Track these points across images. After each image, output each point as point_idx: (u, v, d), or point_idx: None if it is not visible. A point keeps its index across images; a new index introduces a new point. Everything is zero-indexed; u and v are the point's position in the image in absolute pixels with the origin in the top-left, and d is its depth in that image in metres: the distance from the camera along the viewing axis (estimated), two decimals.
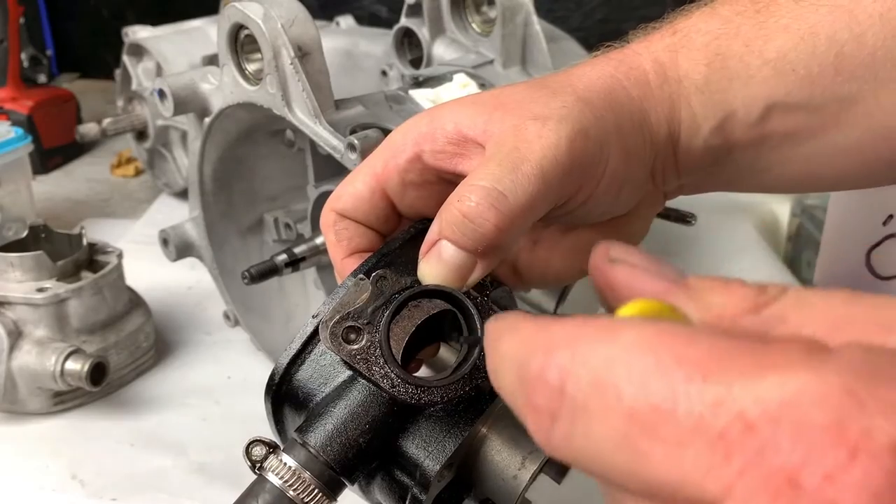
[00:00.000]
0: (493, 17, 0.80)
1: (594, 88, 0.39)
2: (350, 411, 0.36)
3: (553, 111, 0.37)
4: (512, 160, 0.35)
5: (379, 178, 0.39)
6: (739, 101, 0.40)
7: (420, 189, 0.39)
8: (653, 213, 0.45)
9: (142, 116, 1.12)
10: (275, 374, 0.38)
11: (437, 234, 0.36)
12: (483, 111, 0.38)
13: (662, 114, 0.40)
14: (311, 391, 0.37)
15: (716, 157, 0.41)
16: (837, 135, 0.39)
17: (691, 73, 0.40)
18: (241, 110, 0.64)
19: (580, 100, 0.38)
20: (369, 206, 0.40)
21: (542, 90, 0.39)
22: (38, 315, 0.68)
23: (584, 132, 0.37)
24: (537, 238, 0.44)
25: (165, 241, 0.74)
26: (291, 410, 0.39)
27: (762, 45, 0.39)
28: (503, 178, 0.35)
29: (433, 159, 0.38)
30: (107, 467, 0.65)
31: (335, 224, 0.40)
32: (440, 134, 0.38)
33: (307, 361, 0.38)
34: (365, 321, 0.35)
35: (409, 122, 0.40)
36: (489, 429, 0.37)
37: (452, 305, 0.35)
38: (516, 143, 0.36)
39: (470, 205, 0.35)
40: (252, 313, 0.77)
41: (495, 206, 0.34)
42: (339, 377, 0.37)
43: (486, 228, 0.35)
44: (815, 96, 0.39)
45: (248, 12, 0.58)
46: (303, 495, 0.34)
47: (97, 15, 1.75)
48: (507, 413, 0.36)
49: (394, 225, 0.41)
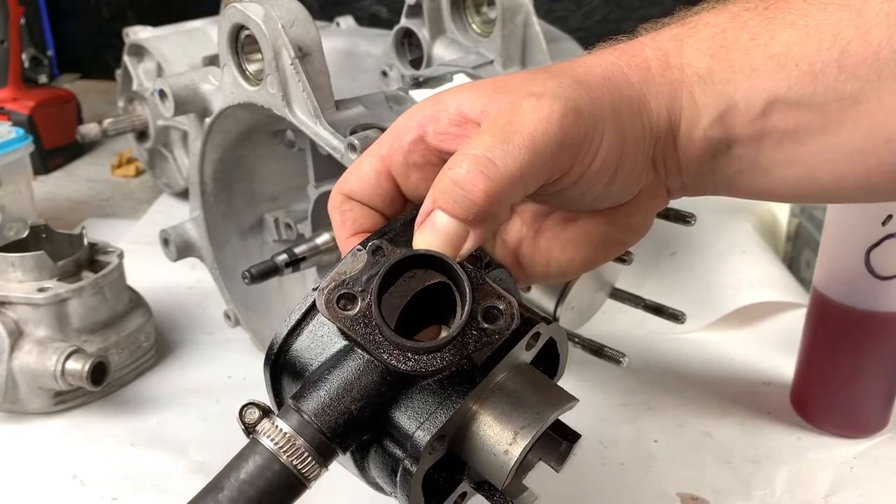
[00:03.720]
0: (493, 18, 0.80)
1: (593, 73, 0.40)
2: (344, 379, 0.36)
3: (548, 90, 0.38)
4: (504, 132, 0.36)
5: (384, 160, 0.41)
6: (741, 94, 0.40)
7: (424, 170, 0.40)
8: (655, 207, 0.45)
9: (142, 117, 1.12)
10: (273, 344, 0.38)
11: (430, 204, 0.37)
12: (484, 94, 0.39)
13: (663, 100, 0.41)
14: (308, 361, 0.38)
15: (716, 150, 0.41)
16: (839, 136, 0.39)
17: (695, 62, 0.41)
18: (241, 110, 0.64)
19: (577, 81, 0.39)
20: (374, 187, 0.41)
21: (541, 74, 0.40)
22: (38, 315, 0.68)
23: (576, 109, 0.37)
24: (539, 229, 0.45)
25: (166, 241, 0.74)
26: (289, 380, 0.39)
27: (768, 39, 0.39)
28: (493, 147, 0.36)
29: (435, 140, 0.39)
30: (107, 467, 0.65)
31: (341, 205, 0.41)
32: (443, 116, 0.39)
33: (305, 332, 0.38)
34: (360, 289, 0.36)
35: (415, 106, 0.41)
36: (481, 404, 0.37)
37: (445, 275, 0.36)
38: (510, 118, 0.37)
39: (460, 171, 0.36)
40: (252, 313, 0.77)
41: (484, 173, 0.35)
42: (336, 346, 0.37)
43: (475, 195, 0.35)
44: (817, 93, 0.39)
45: (248, 13, 0.58)
46: (294, 460, 0.35)
47: (98, 15, 1.75)
48: (500, 389, 0.37)
49: (399, 207, 0.42)
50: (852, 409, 0.67)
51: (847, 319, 0.63)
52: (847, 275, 0.62)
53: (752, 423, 0.69)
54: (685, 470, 0.64)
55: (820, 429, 0.67)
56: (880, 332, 0.63)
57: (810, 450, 0.66)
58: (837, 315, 0.64)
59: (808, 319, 0.67)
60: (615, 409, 0.70)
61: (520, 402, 0.37)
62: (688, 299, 0.78)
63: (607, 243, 0.44)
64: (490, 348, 0.36)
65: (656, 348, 0.79)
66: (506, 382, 0.38)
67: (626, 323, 0.81)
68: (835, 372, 0.66)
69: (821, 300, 0.65)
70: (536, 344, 0.39)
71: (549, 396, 0.38)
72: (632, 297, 0.67)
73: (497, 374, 0.37)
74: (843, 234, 0.62)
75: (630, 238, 0.45)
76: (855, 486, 0.62)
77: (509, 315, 0.35)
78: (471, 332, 0.35)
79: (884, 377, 0.65)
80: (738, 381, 0.75)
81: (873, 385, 0.65)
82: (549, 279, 0.46)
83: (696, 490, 0.62)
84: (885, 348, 0.63)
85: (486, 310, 0.35)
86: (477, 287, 0.35)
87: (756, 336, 0.81)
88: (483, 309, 0.35)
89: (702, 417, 0.70)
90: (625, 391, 0.73)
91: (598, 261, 0.45)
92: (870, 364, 0.64)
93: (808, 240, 0.88)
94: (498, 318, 0.35)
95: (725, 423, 0.69)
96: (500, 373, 0.37)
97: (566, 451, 0.39)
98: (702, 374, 0.76)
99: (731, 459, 0.65)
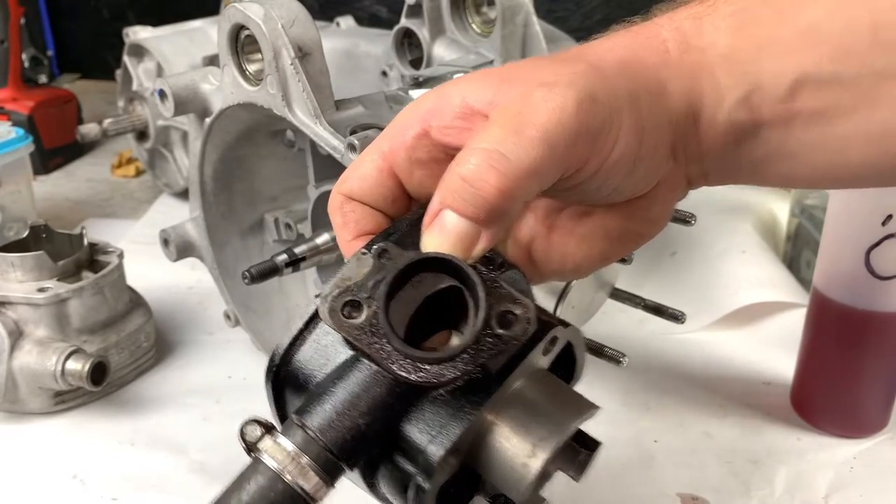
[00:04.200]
0: (493, 18, 0.80)
1: (607, 58, 0.38)
2: (350, 392, 0.34)
3: (561, 77, 0.35)
4: (515, 123, 0.34)
5: (386, 157, 0.38)
6: (767, 73, 0.37)
7: (428, 167, 0.38)
8: (674, 199, 0.42)
9: (142, 117, 1.12)
10: (275, 355, 0.37)
11: (438, 203, 0.34)
12: (491, 84, 0.37)
13: (682, 84, 0.38)
14: (311, 373, 0.36)
15: (741, 135, 0.39)
16: (872, 115, 0.37)
17: (717, 41, 0.38)
18: (241, 111, 0.64)
19: (590, 66, 0.36)
20: (376, 186, 0.38)
21: (551, 61, 0.37)
22: (38, 315, 0.68)
23: (592, 97, 0.35)
24: (552, 224, 0.42)
25: (166, 241, 0.74)
26: (292, 394, 0.37)
27: (794, 13, 0.37)
28: (505, 140, 0.33)
29: (440, 134, 0.37)
30: (107, 467, 0.65)
31: (342, 206, 0.39)
32: (447, 108, 0.37)
33: (308, 342, 0.36)
34: (365, 295, 0.33)
35: (417, 99, 0.39)
36: (497, 415, 0.35)
37: (456, 279, 0.33)
38: (520, 108, 0.34)
39: (469, 167, 0.33)
40: (252, 313, 0.77)
41: (496, 167, 0.33)
42: (340, 357, 0.35)
43: (486, 192, 0.33)
44: (847, 69, 0.36)
45: (248, 13, 0.58)
46: (299, 479, 0.33)
47: (98, 15, 1.75)
48: (517, 398, 0.35)
49: (403, 207, 0.39)
50: (852, 409, 0.67)
51: (847, 319, 0.63)
52: (847, 275, 0.62)
53: (752, 423, 0.69)
54: (685, 470, 0.64)
55: (820, 429, 0.67)
56: (880, 333, 0.63)
57: (810, 450, 0.66)
58: (837, 315, 0.64)
59: (808, 319, 0.67)
60: (615, 409, 0.70)
61: (538, 411, 0.35)
62: (688, 299, 0.78)
63: (625, 237, 0.42)
64: (506, 356, 0.34)
65: (656, 348, 0.79)
66: (522, 390, 0.36)
67: (626, 323, 0.81)
68: (835, 372, 0.66)
69: (821, 300, 0.65)
70: (553, 349, 0.37)
71: (568, 404, 0.36)
72: (632, 297, 0.67)
73: (513, 382, 0.35)
74: (843, 234, 0.62)
75: (649, 230, 0.42)
76: (855, 486, 0.62)
77: (525, 320, 0.33)
78: (485, 340, 0.33)
79: (884, 377, 0.65)
80: (738, 381, 0.75)
81: (873, 385, 0.65)
82: (563, 276, 0.43)
83: (696, 490, 0.62)
84: (885, 348, 0.63)
85: (501, 315, 0.33)
86: (491, 291, 0.33)
87: (756, 336, 0.81)
88: (498, 314, 0.33)
89: (702, 417, 0.70)
90: (625, 391, 0.73)
91: (616, 255, 0.43)
92: (870, 364, 0.64)
93: (808, 240, 0.88)
94: (514, 324, 0.33)
95: (725, 423, 0.69)
96: (517, 380, 0.36)
97: (586, 460, 0.37)
98: (702, 374, 0.76)
99: (731, 459, 0.65)
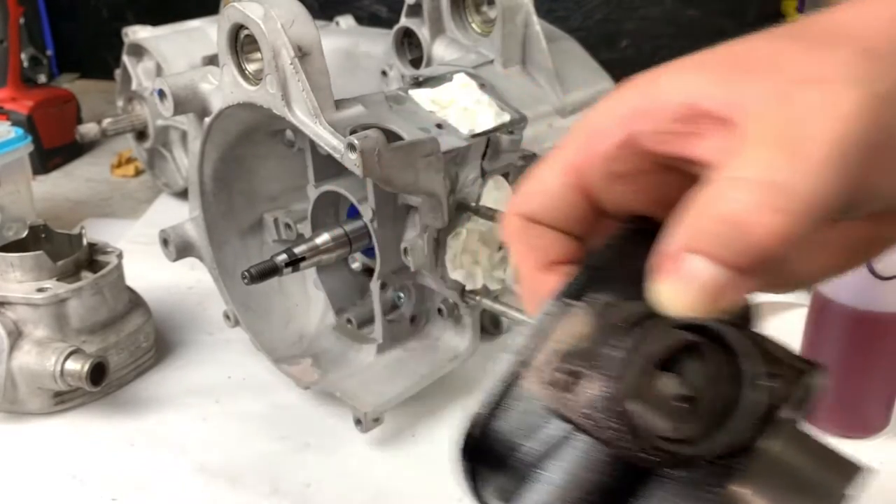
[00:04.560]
0: (493, 17, 0.80)
1: (880, 35, 0.28)
2: (569, 475, 0.28)
3: (830, 70, 0.27)
4: (787, 141, 0.26)
5: (575, 169, 0.31)
6: None
7: (631, 181, 0.31)
8: None
9: (142, 116, 1.12)
10: (474, 427, 0.30)
11: (680, 245, 0.27)
12: (720, 75, 0.28)
13: None
14: (511, 446, 0.30)
15: None
16: None
17: None
18: (241, 110, 0.64)
19: (864, 51, 0.27)
20: (565, 205, 0.32)
21: (797, 42, 0.29)
22: (38, 315, 0.68)
23: (881, 96, 0.26)
24: None
25: (165, 241, 0.74)
26: (487, 469, 0.31)
27: None
28: (779, 167, 0.25)
29: (654, 142, 0.29)
30: (106, 467, 0.65)
31: (524, 231, 0.32)
32: (661, 109, 0.29)
33: (508, 410, 0.30)
34: (588, 363, 0.27)
35: (612, 98, 0.31)
36: (750, 487, 0.28)
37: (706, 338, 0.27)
38: (788, 117, 0.26)
39: (735, 205, 0.25)
40: (252, 313, 0.77)
41: (773, 206, 0.25)
42: (547, 429, 0.29)
43: (759, 237, 0.25)
44: None
45: (248, 12, 0.58)
46: None
47: (97, 15, 1.75)
48: (771, 464, 0.28)
49: (590, 227, 0.32)
50: (852, 409, 0.67)
51: (847, 319, 0.63)
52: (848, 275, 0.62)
53: None
54: None
55: (820, 429, 0.67)
56: (881, 333, 0.63)
57: None
58: (838, 315, 0.64)
59: (809, 319, 0.67)
60: None
61: (798, 479, 0.28)
62: None
63: (874, 243, 0.34)
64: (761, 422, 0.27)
65: None
66: (776, 455, 0.28)
67: None
68: (835, 372, 0.66)
69: (821, 300, 0.65)
70: (808, 397, 0.29)
71: (833, 468, 0.30)
72: None
73: (765, 446, 0.28)
74: None
75: None
76: None
77: (786, 382, 0.27)
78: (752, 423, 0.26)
79: (884, 377, 0.65)
80: None
81: (873, 385, 0.65)
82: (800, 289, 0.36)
83: None
84: (885, 349, 0.63)
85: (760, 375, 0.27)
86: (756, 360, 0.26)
87: None
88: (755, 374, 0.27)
89: None
90: None
91: (861, 263, 0.36)
92: (870, 364, 0.64)
93: None
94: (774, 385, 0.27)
95: None
96: (768, 443, 0.28)
97: None
98: None
99: None
